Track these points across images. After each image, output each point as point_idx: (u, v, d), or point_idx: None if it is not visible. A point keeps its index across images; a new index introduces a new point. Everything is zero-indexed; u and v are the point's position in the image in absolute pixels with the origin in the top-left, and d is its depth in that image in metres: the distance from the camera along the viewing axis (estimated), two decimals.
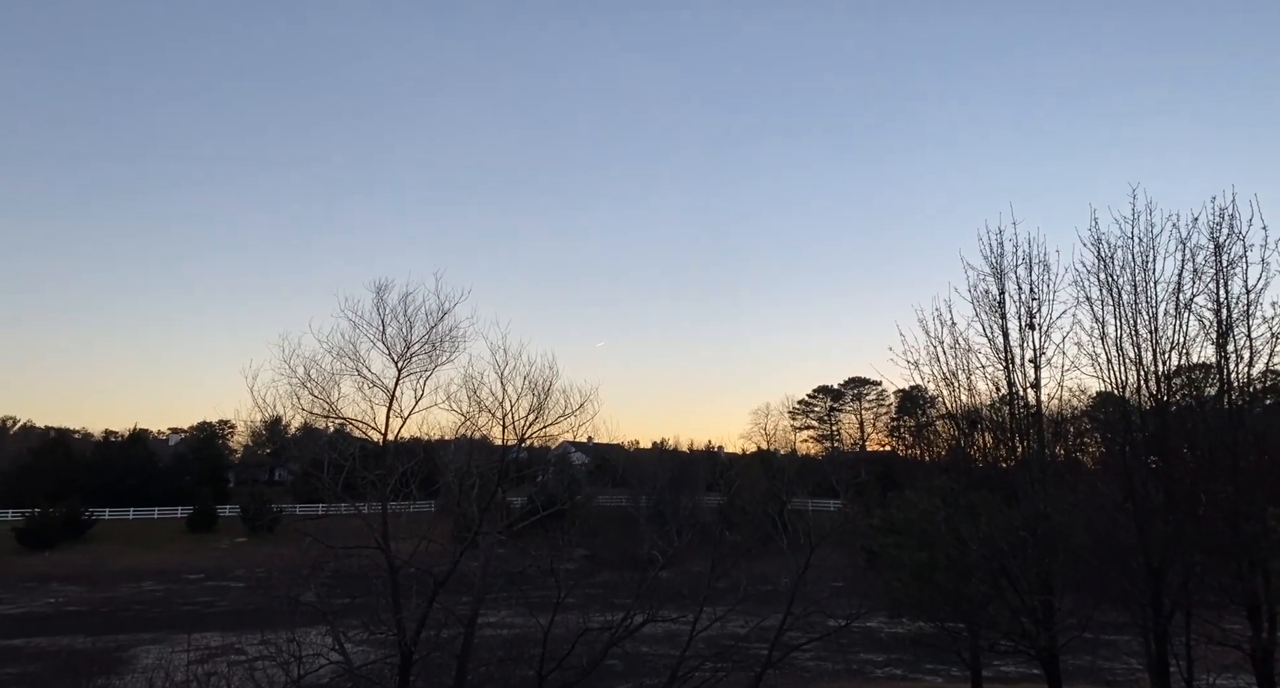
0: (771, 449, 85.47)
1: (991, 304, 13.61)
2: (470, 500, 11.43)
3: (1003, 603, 13.08)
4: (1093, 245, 12.67)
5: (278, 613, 11.06)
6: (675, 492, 60.37)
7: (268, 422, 63.36)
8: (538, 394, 11.55)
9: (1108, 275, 12.52)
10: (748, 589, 11.89)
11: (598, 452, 79.29)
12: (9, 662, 27.00)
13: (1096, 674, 23.70)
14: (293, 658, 10.14)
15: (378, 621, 10.75)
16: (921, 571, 14.79)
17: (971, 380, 13.86)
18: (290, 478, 75.17)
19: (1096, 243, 12.64)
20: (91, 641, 28.76)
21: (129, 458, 76.30)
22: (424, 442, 13.00)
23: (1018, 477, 13.30)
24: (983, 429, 14.34)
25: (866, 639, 28.01)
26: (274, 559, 20.01)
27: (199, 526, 67.86)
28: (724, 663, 11.45)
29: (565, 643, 10.70)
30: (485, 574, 11.05)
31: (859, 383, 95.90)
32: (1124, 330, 12.35)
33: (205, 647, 25.05)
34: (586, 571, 14.04)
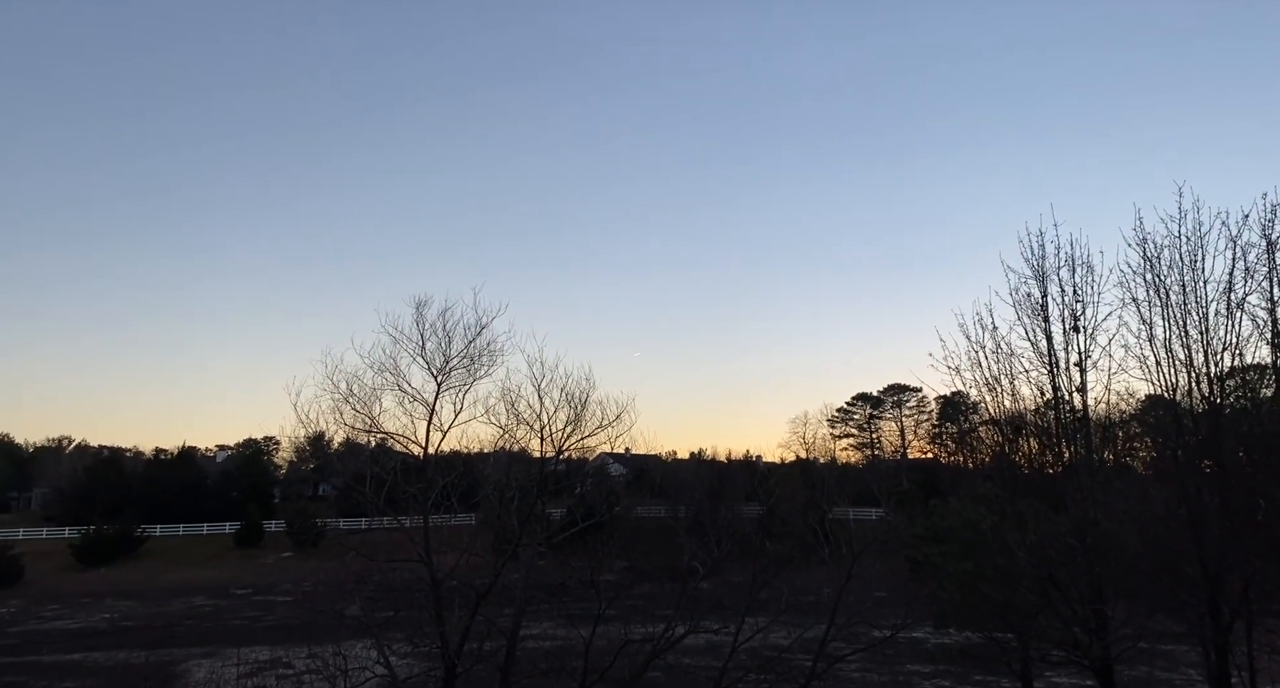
0: (811, 458, 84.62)
1: (1034, 307, 13.35)
2: (510, 513, 11.50)
3: (1053, 613, 12.76)
4: (1138, 245, 12.40)
5: (323, 627, 11.22)
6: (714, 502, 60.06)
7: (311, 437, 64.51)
8: (575, 406, 11.62)
9: (1154, 276, 12.23)
10: (789, 600, 11.77)
11: (635, 463, 79.24)
12: (69, 676, 27.72)
13: (1154, 686, 22.98)
14: (339, 672, 10.28)
15: (421, 633, 10.85)
16: (967, 580, 14.51)
17: (1015, 385, 13.59)
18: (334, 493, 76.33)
19: (1142, 243, 12.36)
20: (146, 655, 29.39)
21: (178, 475, 78.11)
22: (464, 455, 13.12)
23: (1065, 483, 12.99)
24: (1027, 435, 14.04)
25: (913, 650, 27.49)
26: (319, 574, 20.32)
27: (246, 541, 69.12)
28: (767, 675, 11.34)
29: (607, 655, 10.68)
30: (526, 586, 11.09)
31: (899, 390, 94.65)
32: (1173, 332, 12.04)
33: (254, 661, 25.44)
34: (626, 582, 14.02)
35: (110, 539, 63.74)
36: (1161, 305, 12.19)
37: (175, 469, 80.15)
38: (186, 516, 72.92)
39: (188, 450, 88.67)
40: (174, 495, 73.91)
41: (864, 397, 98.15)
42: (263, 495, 79.05)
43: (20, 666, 30.59)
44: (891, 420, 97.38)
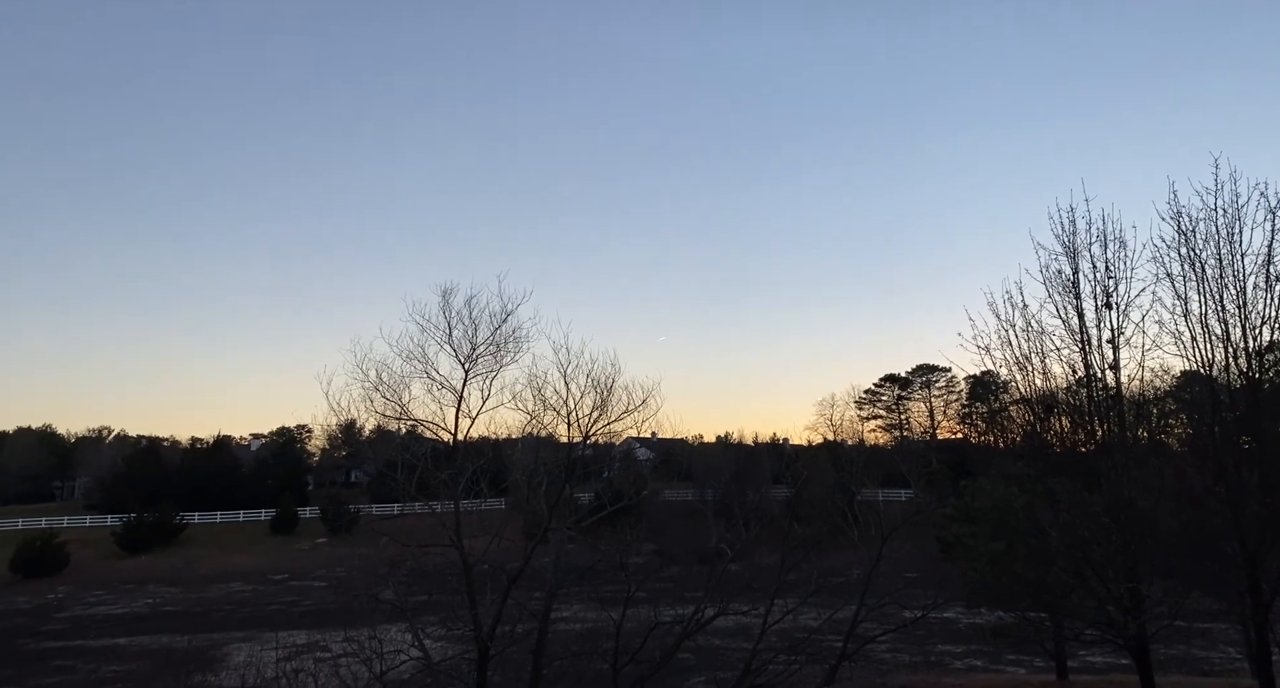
0: (838, 440, 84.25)
1: (1065, 284, 13.12)
2: (539, 498, 11.60)
3: (1087, 592, 12.64)
4: (1172, 219, 12.11)
5: (359, 611, 11.40)
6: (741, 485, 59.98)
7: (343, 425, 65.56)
8: (601, 392, 11.65)
9: (1189, 249, 11.95)
10: (819, 582, 11.77)
11: (662, 447, 79.39)
12: (115, 659, 28.52)
13: (1191, 664, 22.72)
14: (375, 655, 10.46)
15: (454, 617, 11.01)
16: (999, 560, 14.38)
17: (1046, 364, 13.39)
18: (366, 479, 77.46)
19: (1176, 216, 12.07)
20: (188, 639, 30.14)
21: (214, 464, 79.69)
22: (492, 441, 13.22)
23: (1098, 462, 12.82)
24: (1059, 413, 13.85)
25: (944, 630, 27.40)
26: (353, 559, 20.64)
27: (281, 528, 70.41)
28: (798, 656, 11.37)
29: (637, 637, 10.77)
30: (557, 570, 11.19)
31: (927, 370, 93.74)
32: (1209, 306, 11.78)
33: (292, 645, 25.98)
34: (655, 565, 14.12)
35: (150, 527, 65.31)
36: (1197, 280, 11.92)
37: (211, 458, 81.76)
38: (223, 503, 74.43)
39: (223, 439, 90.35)
40: (210, 484, 75.48)
41: (892, 378, 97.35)
42: (297, 483, 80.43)
43: (69, 649, 31.52)
44: (920, 401, 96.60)
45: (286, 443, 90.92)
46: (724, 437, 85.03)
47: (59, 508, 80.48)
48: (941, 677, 21.02)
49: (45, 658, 29.79)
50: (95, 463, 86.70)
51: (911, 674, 21.60)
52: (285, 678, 10.97)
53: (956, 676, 21.54)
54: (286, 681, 10.80)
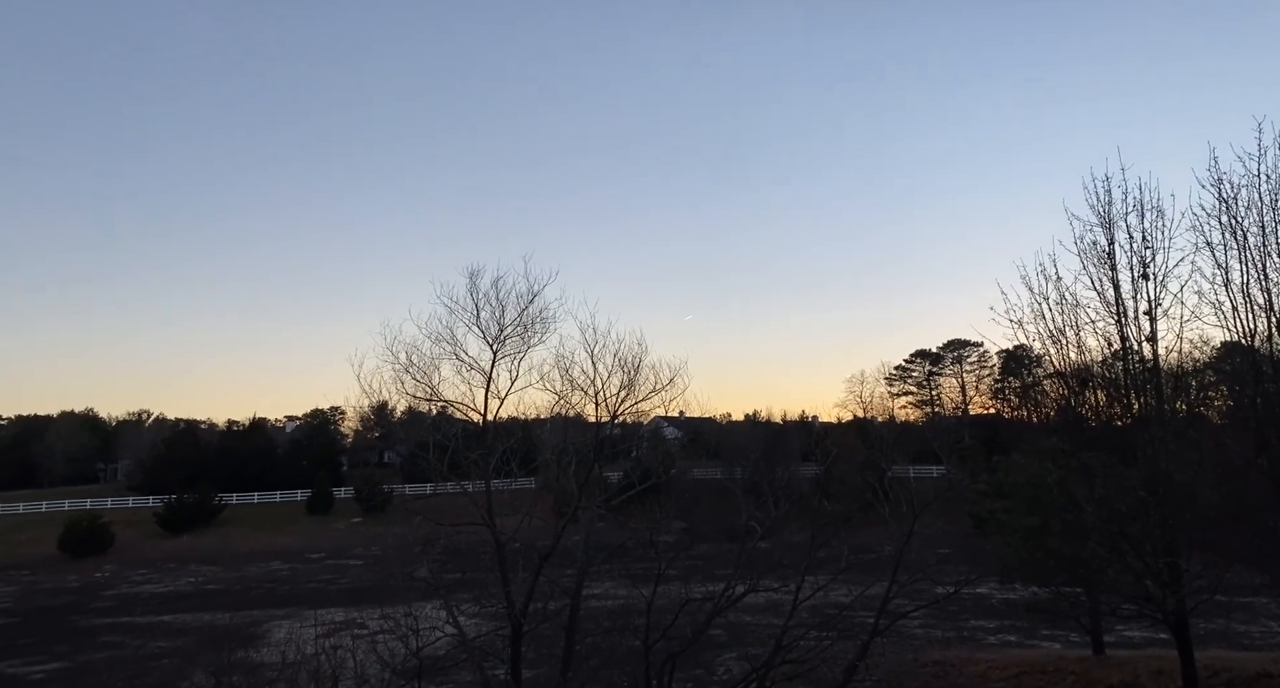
0: (868, 417, 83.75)
1: (1100, 255, 12.84)
2: (569, 477, 11.66)
3: (1123, 567, 12.49)
4: (1213, 186, 11.76)
5: (395, 589, 11.58)
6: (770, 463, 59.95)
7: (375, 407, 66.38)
8: (628, 371, 11.64)
9: (1230, 217, 11.62)
10: (850, 558, 11.72)
11: (690, 426, 79.47)
12: (160, 636, 29.38)
13: (1231, 639, 22.42)
14: (411, 631, 10.62)
15: (488, 594, 11.14)
16: (1033, 535, 14.24)
17: (1080, 337, 13.15)
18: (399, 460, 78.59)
19: (1217, 183, 11.72)
20: (229, 616, 30.92)
21: (250, 446, 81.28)
22: (521, 421, 13.30)
23: (1135, 435, 12.60)
24: (1094, 387, 13.62)
25: (978, 606, 27.26)
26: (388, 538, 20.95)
27: (317, 508, 71.75)
28: (829, 632, 11.35)
29: (668, 614, 10.82)
30: (587, 548, 11.27)
31: (959, 345, 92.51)
32: (1251, 275, 11.46)
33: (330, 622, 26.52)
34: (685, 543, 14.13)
35: (190, 508, 66.91)
36: (1239, 248, 11.60)
37: (247, 440, 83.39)
38: (259, 484, 75.94)
39: (258, 422, 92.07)
40: (247, 465, 77.04)
41: (923, 353, 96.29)
42: (331, 464, 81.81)
43: (117, 626, 32.53)
44: (952, 377, 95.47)
45: (320, 425, 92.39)
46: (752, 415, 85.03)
47: (102, 490, 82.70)
48: (975, 652, 20.96)
49: (95, 634, 30.80)
50: (136, 446, 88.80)
51: (945, 650, 21.57)
52: (324, 654, 11.17)
53: (990, 651, 21.47)
54: (325, 657, 11.00)
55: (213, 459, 77.57)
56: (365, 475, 75.36)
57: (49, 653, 27.60)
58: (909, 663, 18.94)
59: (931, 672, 18.64)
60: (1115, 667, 16.75)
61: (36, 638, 30.47)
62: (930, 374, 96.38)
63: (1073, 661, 18.05)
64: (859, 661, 11.24)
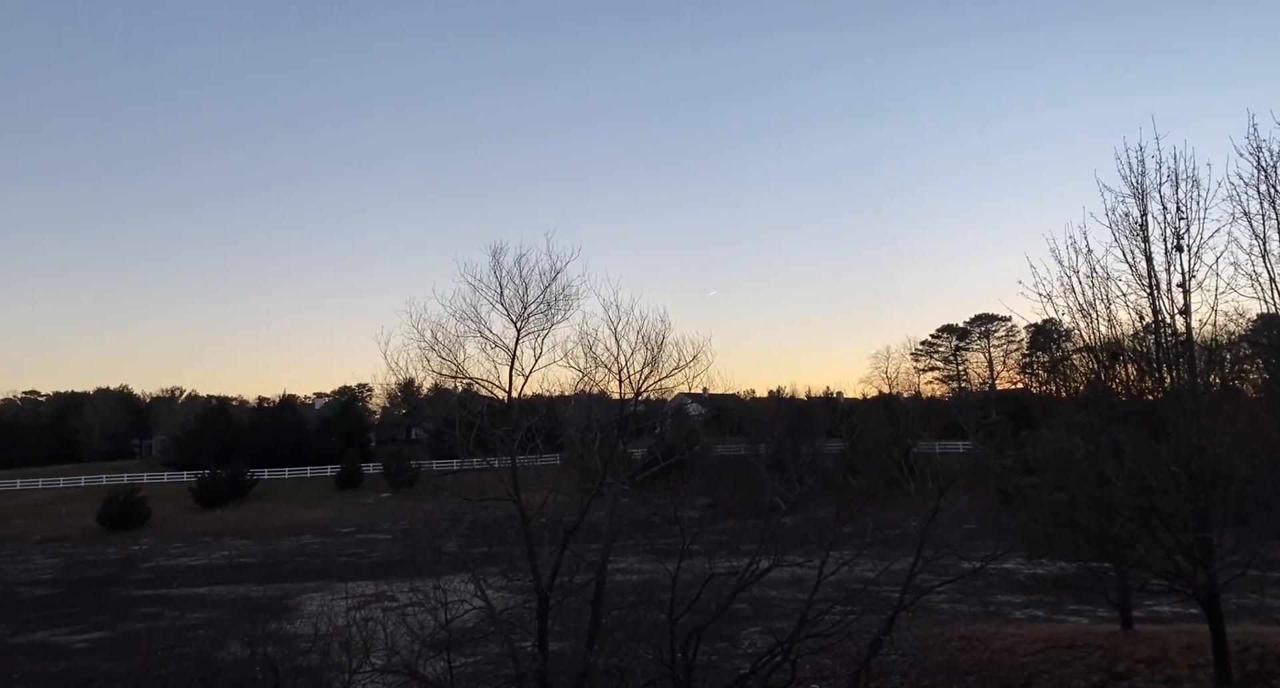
0: (894, 393, 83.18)
1: (1132, 227, 12.57)
2: (593, 453, 11.72)
3: (1153, 542, 12.36)
4: (1251, 155, 11.47)
5: (423, 563, 11.76)
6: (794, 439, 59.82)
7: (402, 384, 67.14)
8: (651, 348, 11.63)
9: (1270, 186, 11.34)
10: (874, 534, 11.72)
11: (714, 402, 79.33)
12: (196, 607, 30.13)
13: (1265, 614, 22.14)
14: (440, 604, 10.79)
15: (514, 568, 11.28)
16: (1061, 511, 14.13)
17: (1111, 310, 12.94)
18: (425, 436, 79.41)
19: (1256, 151, 11.44)
20: (263, 589, 31.65)
21: (281, 422, 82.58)
22: (546, 398, 13.36)
23: (1166, 410, 12.41)
24: (1125, 361, 13.41)
25: (1004, 581, 27.18)
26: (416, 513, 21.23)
27: (347, 483, 72.91)
28: (854, 607, 11.38)
29: (693, 588, 10.90)
30: (612, 523, 11.35)
31: (986, 320, 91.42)
32: None
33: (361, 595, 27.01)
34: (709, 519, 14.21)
35: (223, 483, 68.31)
36: (1277, 218, 11.32)
37: (278, 416, 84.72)
38: (290, 460, 77.24)
39: (288, 399, 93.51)
40: (278, 441, 78.35)
41: (949, 328, 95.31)
42: (360, 440, 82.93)
43: (154, 597, 33.42)
44: (979, 352, 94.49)
45: (349, 402, 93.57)
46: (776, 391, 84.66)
47: (138, 465, 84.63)
48: (1001, 627, 20.91)
49: (134, 605, 31.68)
50: (170, 422, 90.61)
51: (971, 625, 21.53)
52: (355, 626, 11.39)
53: (1017, 626, 21.41)
54: (357, 628, 11.22)
55: (244, 435, 78.98)
56: (393, 451, 76.31)
57: (90, 623, 28.46)
58: (934, 637, 18.94)
59: (957, 646, 18.64)
60: (1144, 641, 16.63)
61: (78, 608, 31.42)
62: (957, 349, 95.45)
63: (1100, 635, 17.95)
64: (884, 635, 11.28)
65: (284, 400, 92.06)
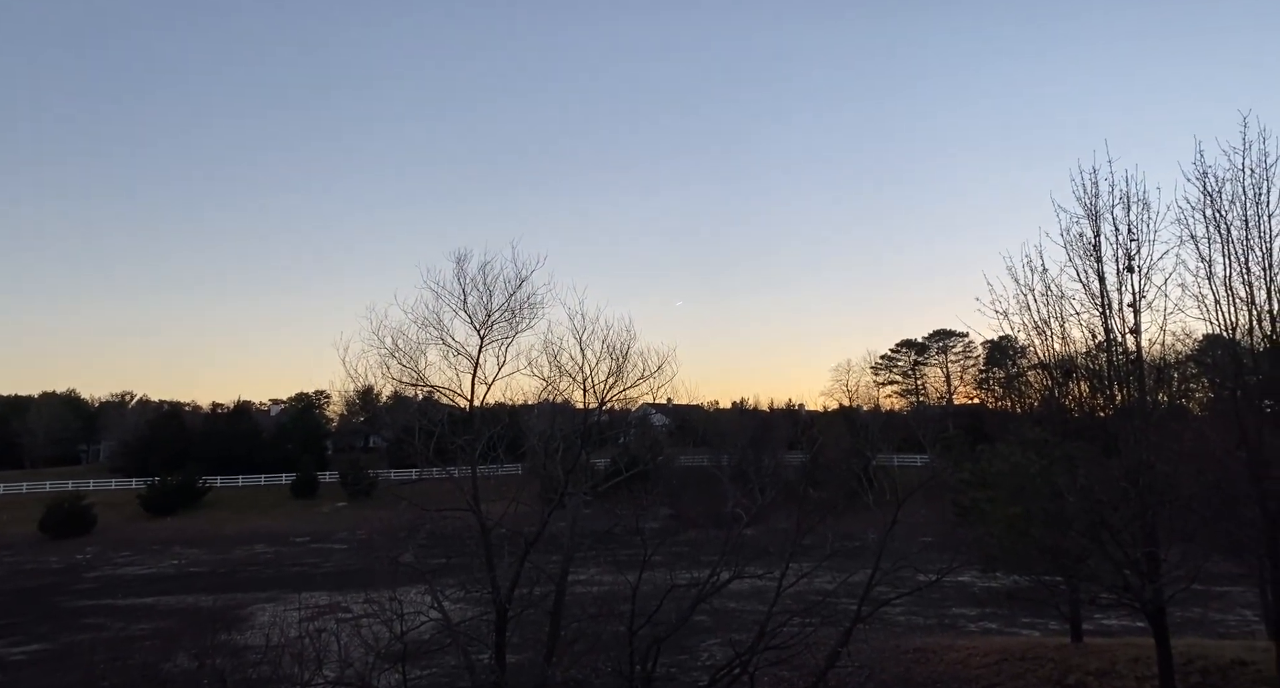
0: (854, 406, 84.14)
1: (1086, 248, 12.91)
2: (555, 463, 11.67)
3: (1103, 556, 12.65)
4: (1198, 180, 11.87)
5: (379, 573, 11.58)
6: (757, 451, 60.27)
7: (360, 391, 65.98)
8: (616, 358, 11.64)
9: (1215, 211, 11.73)
10: (834, 545, 11.81)
11: (678, 413, 79.54)
12: (144, 618, 29.28)
13: (1207, 627, 22.78)
14: (395, 616, 10.63)
15: (473, 579, 11.16)
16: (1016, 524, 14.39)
17: (1065, 328, 13.26)
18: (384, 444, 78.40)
19: (1202, 177, 11.83)
20: (213, 599, 30.86)
21: (235, 429, 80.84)
22: (509, 407, 13.29)
23: (1117, 426, 12.73)
24: (1078, 378, 13.75)
25: (959, 594, 27.58)
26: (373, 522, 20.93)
27: (302, 492, 71.58)
28: (813, 618, 11.45)
29: (654, 600, 10.88)
30: (573, 534, 11.30)
31: (944, 335, 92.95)
32: (1234, 269, 11.60)
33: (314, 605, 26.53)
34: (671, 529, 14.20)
35: (174, 490, 66.61)
36: (1222, 242, 11.72)
37: (232, 423, 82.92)
38: (244, 467, 75.61)
39: (243, 405, 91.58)
40: (232, 448, 76.65)
41: (908, 343, 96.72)
42: (316, 448, 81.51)
43: (99, 608, 32.40)
44: (937, 366, 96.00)
45: (305, 408, 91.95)
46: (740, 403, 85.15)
47: (85, 471, 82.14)
48: (956, 639, 21.20)
49: (77, 616, 30.68)
50: (119, 427, 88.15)
51: (926, 637, 21.80)
52: (308, 637, 11.16)
53: (971, 638, 21.72)
54: (309, 640, 10.99)
55: (197, 442, 77.16)
56: (350, 460, 75.15)
57: (30, 634, 27.48)
58: (891, 650, 19.13)
59: (913, 658, 18.85)
60: (1093, 654, 16.99)
61: (18, 619, 30.32)
62: (915, 364, 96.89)
63: (1051, 648, 18.29)
64: (841, 647, 11.35)
65: (239, 407, 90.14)
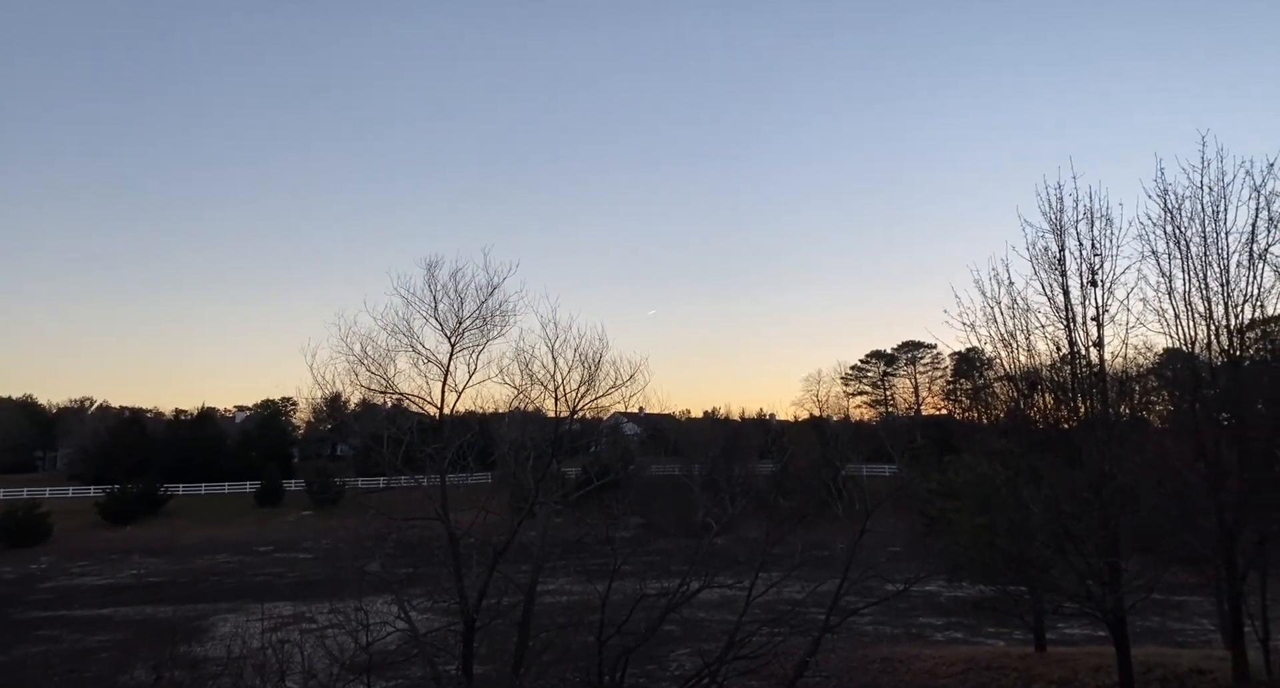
0: (824, 416, 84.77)
1: (1051, 262, 13.18)
2: (526, 472, 11.59)
3: (1066, 566, 12.85)
4: (1159, 197, 12.19)
5: (345, 583, 11.42)
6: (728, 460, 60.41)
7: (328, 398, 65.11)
8: (588, 366, 11.63)
9: (1175, 227, 12.04)
10: (803, 555, 11.85)
11: (650, 422, 79.64)
12: (100, 629, 28.55)
13: (1166, 636, 23.20)
14: (361, 626, 10.47)
15: (441, 589, 11.04)
16: (982, 534, 14.58)
17: (1030, 341, 13.50)
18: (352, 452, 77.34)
19: (1163, 194, 12.15)
20: (173, 610, 30.17)
21: (199, 436, 79.30)
22: (479, 415, 13.20)
23: (1080, 438, 12.96)
24: (1043, 390, 13.98)
25: (926, 603, 27.82)
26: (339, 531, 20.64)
27: (267, 500, 70.35)
28: (781, 628, 11.47)
29: (623, 609, 10.83)
30: (543, 543, 11.23)
31: (913, 347, 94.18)
32: (1193, 284, 11.89)
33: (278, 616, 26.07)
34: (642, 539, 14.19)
35: (135, 498, 65.08)
36: (1182, 258, 12.02)
37: (195, 430, 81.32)
38: (207, 475, 74.21)
39: (207, 411, 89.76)
40: (195, 456, 75.17)
41: (878, 354, 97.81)
42: (282, 455, 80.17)
43: (53, 619, 31.52)
44: (905, 377, 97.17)
45: (271, 416, 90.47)
46: (711, 412, 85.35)
47: (42, 479, 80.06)
48: (923, 649, 21.37)
49: (31, 627, 29.81)
50: (78, 434, 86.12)
51: (893, 646, 21.95)
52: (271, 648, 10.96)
53: (937, 648, 21.90)
54: (272, 651, 10.79)
55: (159, 449, 75.55)
56: (317, 468, 73.98)
57: None
58: (859, 659, 19.24)
59: (880, 668, 18.97)
60: (1056, 663, 17.21)
61: None
62: (885, 374, 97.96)
63: (1016, 657, 18.50)
64: (810, 656, 11.38)
65: (202, 413, 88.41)
